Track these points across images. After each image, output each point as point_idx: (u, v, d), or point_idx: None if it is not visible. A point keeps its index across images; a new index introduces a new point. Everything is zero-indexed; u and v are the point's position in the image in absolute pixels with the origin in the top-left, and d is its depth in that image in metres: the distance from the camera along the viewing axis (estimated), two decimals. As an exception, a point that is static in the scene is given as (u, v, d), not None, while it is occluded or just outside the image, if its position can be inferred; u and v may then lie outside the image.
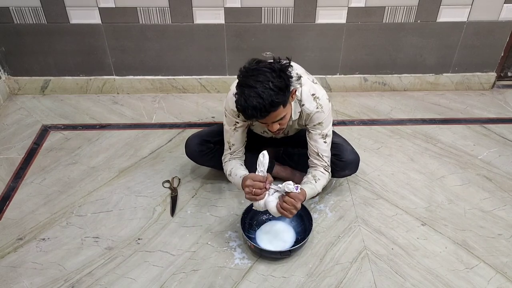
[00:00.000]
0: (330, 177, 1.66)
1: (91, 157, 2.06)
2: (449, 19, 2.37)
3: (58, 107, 2.44)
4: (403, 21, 2.36)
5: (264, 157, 1.40)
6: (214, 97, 2.55)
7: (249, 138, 1.71)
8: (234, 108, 1.45)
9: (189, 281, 1.49)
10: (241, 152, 1.67)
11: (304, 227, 1.63)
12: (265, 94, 1.27)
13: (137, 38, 2.37)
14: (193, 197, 1.84)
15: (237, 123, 1.59)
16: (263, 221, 1.68)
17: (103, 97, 2.54)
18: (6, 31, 2.33)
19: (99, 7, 2.26)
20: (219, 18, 2.31)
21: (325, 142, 1.59)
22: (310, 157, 1.63)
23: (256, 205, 1.48)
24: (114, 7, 2.26)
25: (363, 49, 2.46)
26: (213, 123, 2.31)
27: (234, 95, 1.38)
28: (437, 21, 2.37)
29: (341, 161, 1.69)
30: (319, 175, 1.60)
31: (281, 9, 2.28)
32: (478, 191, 1.87)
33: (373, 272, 1.52)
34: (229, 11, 2.29)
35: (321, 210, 1.77)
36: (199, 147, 1.77)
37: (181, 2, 2.25)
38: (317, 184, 1.57)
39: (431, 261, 1.56)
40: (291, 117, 1.53)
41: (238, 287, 1.47)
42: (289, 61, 1.36)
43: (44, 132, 2.23)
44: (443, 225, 1.71)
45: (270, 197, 1.45)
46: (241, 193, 1.65)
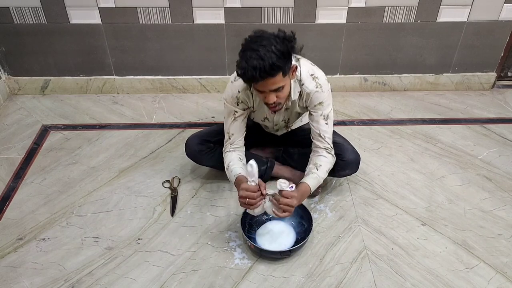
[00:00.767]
0: (334, 160, 1.64)
1: (91, 157, 2.06)
2: (449, 19, 2.37)
3: (58, 107, 2.44)
4: (403, 21, 2.36)
5: (252, 168, 1.40)
6: (214, 97, 2.55)
7: (250, 136, 1.71)
8: (233, 94, 1.55)
9: (189, 281, 1.49)
10: (241, 142, 1.68)
11: (304, 227, 1.62)
12: (267, 56, 1.29)
13: (137, 38, 2.37)
14: (193, 197, 1.84)
15: (236, 112, 1.61)
16: (263, 221, 1.68)
17: (103, 97, 2.54)
18: (6, 31, 2.33)
19: (99, 7, 2.26)
20: (219, 18, 2.31)
21: (326, 123, 1.59)
22: (313, 140, 1.63)
23: (250, 211, 1.50)
24: (114, 7, 2.26)
25: (363, 49, 2.46)
26: (213, 123, 2.31)
27: (233, 81, 1.52)
28: (437, 21, 2.37)
29: (342, 161, 1.69)
30: (321, 161, 1.59)
31: (281, 9, 2.28)
32: (478, 191, 1.87)
33: (373, 272, 1.52)
34: (229, 11, 2.29)
35: (321, 210, 1.77)
36: (199, 147, 1.77)
37: (181, 2, 2.25)
38: (319, 171, 1.57)
39: (431, 261, 1.56)
40: (290, 96, 1.54)
41: (238, 287, 1.47)
42: (294, 34, 1.39)
43: (44, 132, 2.23)
44: (443, 225, 1.71)
45: (267, 203, 1.47)
46: (241, 193, 1.65)
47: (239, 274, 1.51)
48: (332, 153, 1.63)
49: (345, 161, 1.70)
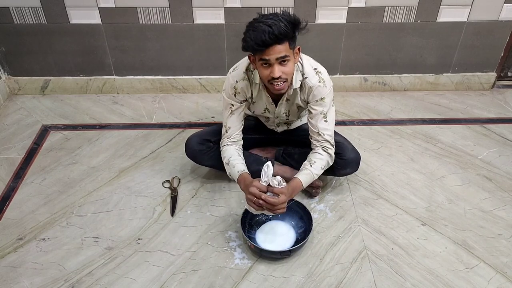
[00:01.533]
0: (331, 158, 1.64)
1: (91, 157, 2.06)
2: (449, 19, 2.37)
3: (58, 107, 2.44)
4: (403, 21, 2.36)
5: (268, 168, 1.41)
6: (214, 97, 2.55)
7: (250, 135, 1.72)
8: (231, 84, 1.59)
9: (189, 281, 1.49)
10: (238, 135, 1.68)
11: (304, 227, 1.62)
12: (275, 24, 1.34)
13: (137, 38, 2.37)
14: (193, 197, 1.84)
15: (232, 105, 1.63)
16: (263, 221, 1.68)
17: (103, 97, 2.54)
18: (6, 31, 2.33)
19: (99, 7, 2.26)
20: (219, 18, 2.31)
21: (326, 121, 1.60)
22: (311, 139, 1.64)
23: (250, 209, 1.50)
24: (114, 7, 2.26)
25: (363, 49, 2.46)
26: (213, 123, 2.31)
27: (231, 72, 1.59)
28: (437, 21, 2.37)
29: (342, 159, 1.70)
30: (316, 158, 1.59)
31: (281, 9, 2.28)
32: (478, 191, 1.87)
33: (373, 272, 1.52)
34: (229, 11, 2.29)
35: (321, 210, 1.77)
36: (199, 146, 1.77)
37: (181, 2, 2.25)
38: (313, 168, 1.57)
39: (431, 261, 1.56)
40: (291, 85, 1.55)
41: (238, 287, 1.47)
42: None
43: (44, 132, 2.23)
44: (443, 225, 1.71)
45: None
46: (242, 193, 1.65)
47: (239, 274, 1.51)
48: (329, 151, 1.62)
49: (345, 160, 1.71)
